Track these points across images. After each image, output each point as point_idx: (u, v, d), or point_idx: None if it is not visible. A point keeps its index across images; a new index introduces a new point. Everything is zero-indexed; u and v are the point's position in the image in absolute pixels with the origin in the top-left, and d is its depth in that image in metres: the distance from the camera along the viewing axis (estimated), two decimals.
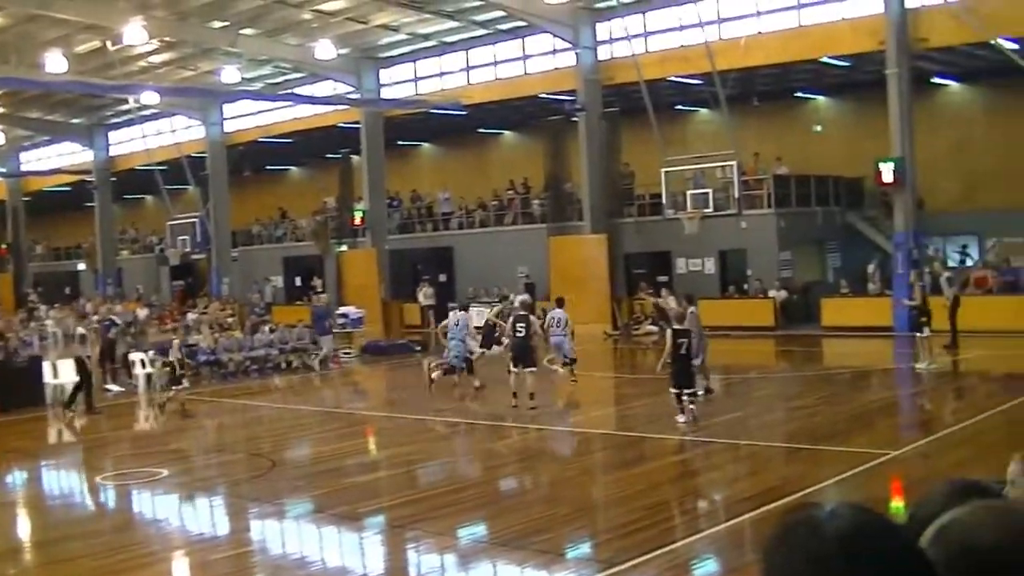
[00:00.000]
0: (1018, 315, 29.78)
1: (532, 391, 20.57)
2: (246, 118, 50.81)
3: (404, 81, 44.33)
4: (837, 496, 13.43)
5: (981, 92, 37.70)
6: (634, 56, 35.49)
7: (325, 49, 38.10)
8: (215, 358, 29.61)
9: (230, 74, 41.39)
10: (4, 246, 64.82)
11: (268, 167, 59.19)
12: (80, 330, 26.81)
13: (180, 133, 51.84)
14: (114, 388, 27.67)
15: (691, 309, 20.51)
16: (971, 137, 37.26)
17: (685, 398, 18.01)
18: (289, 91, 47.10)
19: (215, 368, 29.46)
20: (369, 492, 14.62)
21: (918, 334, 24.27)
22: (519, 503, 14.03)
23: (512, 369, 20.94)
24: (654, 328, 35.88)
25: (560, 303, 24.75)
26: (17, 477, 18.16)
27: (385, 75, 44.65)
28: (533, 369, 21.04)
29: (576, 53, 37.78)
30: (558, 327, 24.17)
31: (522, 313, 21.90)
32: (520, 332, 21.20)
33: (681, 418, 18.01)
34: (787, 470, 15.06)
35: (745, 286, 36.18)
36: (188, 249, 47.44)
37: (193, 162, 49.73)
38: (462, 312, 24.74)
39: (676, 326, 18.61)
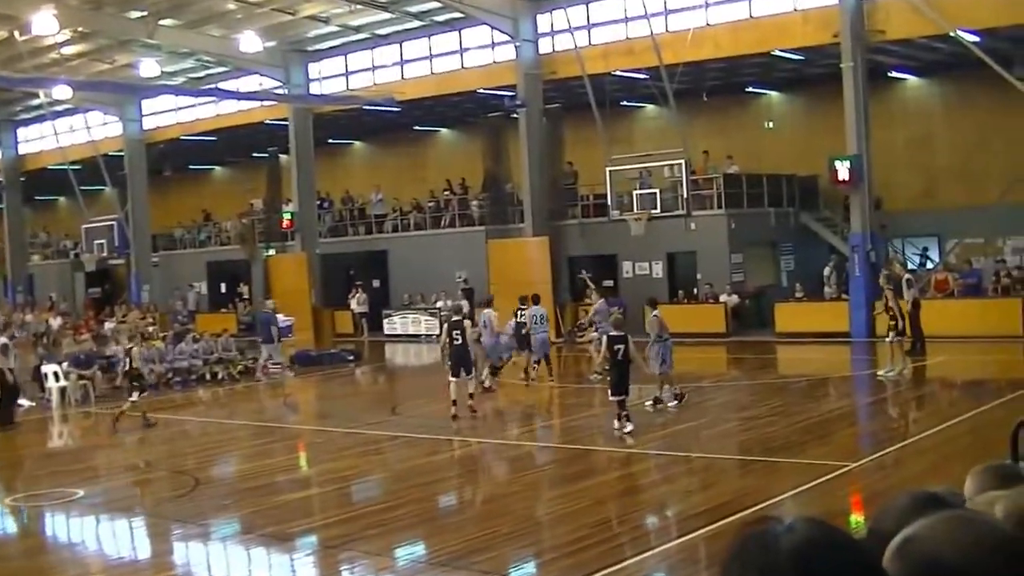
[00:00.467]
0: (982, 319, 30.15)
1: (471, 401, 20.68)
2: (167, 114, 50.28)
3: (334, 76, 44.11)
4: (794, 510, 13.50)
5: (940, 87, 38.17)
6: (577, 49, 35.54)
7: (250, 41, 37.83)
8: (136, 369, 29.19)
9: (149, 67, 40.98)
10: None
11: (191, 167, 58.60)
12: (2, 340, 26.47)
13: (96, 130, 51.17)
14: (24, 403, 27.23)
15: (654, 313, 20.95)
16: (930, 133, 37.72)
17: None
18: (212, 86, 46.73)
19: (136, 380, 29.02)
20: (300, 510, 14.49)
21: (887, 339, 24.49)
22: (459, 520, 13.97)
23: (451, 378, 21.02)
24: (597, 335, 36.00)
25: (536, 300, 26.54)
26: None
27: (314, 69, 44.41)
28: (472, 376, 21.39)
29: (516, 46, 37.77)
30: (541, 324, 25.70)
31: (457, 319, 22.07)
32: (457, 339, 21.37)
33: (628, 427, 18.08)
34: (741, 483, 15.12)
35: (695, 291, 36.36)
36: (105, 254, 46.85)
37: (110, 161, 49.10)
38: (488, 310, 26.05)
39: (613, 332, 18.75)
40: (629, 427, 18.15)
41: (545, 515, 14.03)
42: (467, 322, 22.35)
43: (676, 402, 20.74)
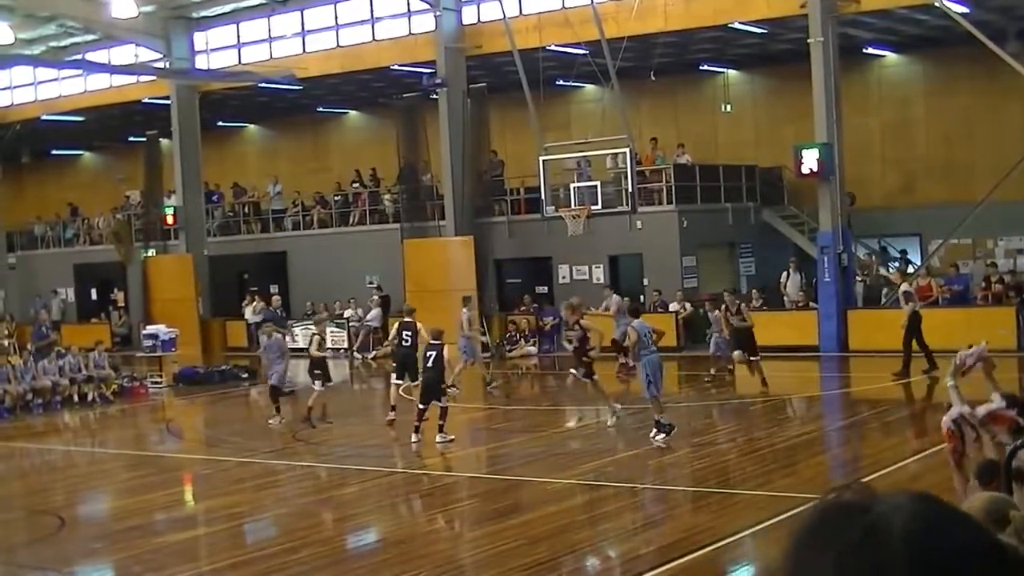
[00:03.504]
0: (969, 331, 30.46)
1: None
2: (23, 89, 49.69)
3: (224, 48, 43.86)
4: (755, 550, 13.65)
5: (922, 65, 38.74)
6: (505, 20, 35.63)
7: (124, 6, 37.50)
8: None
9: (1, 33, 40.43)
10: None
11: (53, 152, 57.99)
12: None
13: None
14: None
15: (633, 323, 20.96)
16: (910, 119, 38.27)
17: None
18: (79, 57, 46.23)
19: None
20: (184, 554, 14.40)
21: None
22: (371, 564, 13.96)
23: (395, 381, 21.64)
24: (532, 349, 36.14)
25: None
26: None
27: (200, 40, 44.12)
28: (416, 383, 22.08)
29: (435, 16, 37.80)
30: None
31: (408, 320, 22.99)
32: (407, 341, 22.47)
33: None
34: (694, 519, 15.23)
35: (641, 298, 36.53)
36: None
37: None
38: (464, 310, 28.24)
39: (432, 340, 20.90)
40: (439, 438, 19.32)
41: (469, 557, 14.05)
42: (420, 325, 23.02)
43: (663, 435, 20.03)
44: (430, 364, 20.44)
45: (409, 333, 22.71)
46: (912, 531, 1.72)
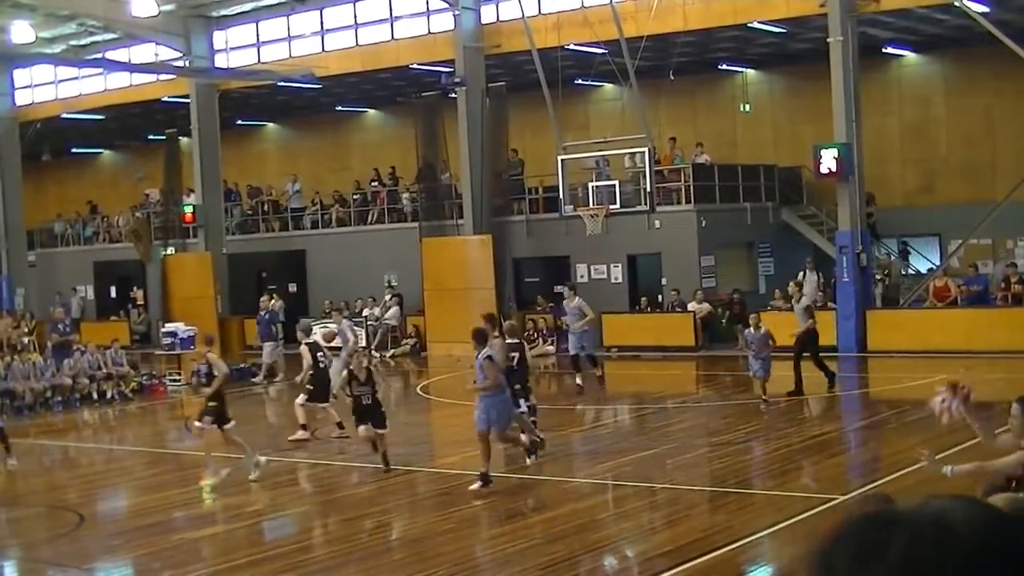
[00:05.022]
0: (989, 332, 30.42)
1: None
2: (44, 88, 49.77)
3: (244, 46, 43.89)
4: (774, 550, 13.62)
5: (942, 65, 38.64)
6: (524, 19, 35.59)
7: (144, 5, 37.56)
8: (7, 387, 28.93)
9: (21, 31, 40.51)
10: None
11: (74, 150, 58.18)
12: None
13: None
14: None
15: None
16: (930, 119, 38.17)
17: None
18: (99, 55, 46.33)
19: (7, 400, 28.79)
20: (201, 551, 14.44)
21: None
22: (386, 563, 13.95)
23: (310, 403, 22.17)
24: (550, 348, 36.10)
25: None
26: None
27: (220, 38, 44.17)
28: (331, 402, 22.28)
29: (454, 15, 37.79)
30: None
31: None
32: (322, 362, 22.43)
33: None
34: (712, 519, 15.21)
35: (659, 298, 36.52)
36: None
37: None
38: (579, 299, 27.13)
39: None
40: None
41: (486, 556, 14.04)
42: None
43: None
44: (515, 365, 19.64)
45: (322, 355, 22.48)
46: (975, 528, 1.71)
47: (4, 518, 17.70)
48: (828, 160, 31.95)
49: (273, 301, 41.90)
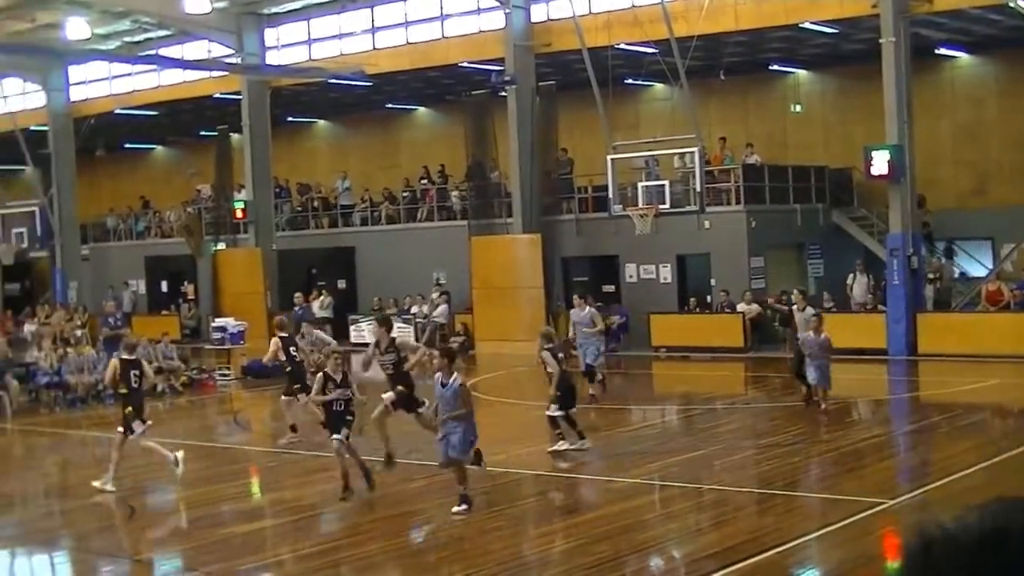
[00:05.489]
0: None
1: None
2: (98, 84, 50.20)
3: (295, 44, 44.06)
4: (821, 553, 13.56)
5: (995, 66, 38.32)
6: (575, 18, 35.56)
7: (197, 2, 37.77)
8: (59, 380, 29.20)
9: (77, 28, 40.82)
10: None
11: (127, 146, 58.55)
12: None
13: (14, 100, 51.07)
14: None
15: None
16: (983, 120, 37.86)
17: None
18: (152, 52, 46.62)
19: (59, 392, 29.07)
20: (249, 545, 14.49)
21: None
22: (435, 559, 13.99)
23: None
24: None
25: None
26: None
27: (271, 35, 44.37)
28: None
29: (505, 13, 37.78)
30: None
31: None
32: (295, 355, 22.42)
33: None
34: (759, 521, 15.15)
35: (708, 298, 36.41)
36: (25, 245, 46.69)
37: (31, 137, 48.99)
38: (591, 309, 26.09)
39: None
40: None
41: (532, 555, 14.03)
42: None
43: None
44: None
45: (294, 348, 22.67)
46: None
47: (58, 509, 17.84)
48: (879, 162, 31.78)
49: (322, 297, 42.25)
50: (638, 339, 36.07)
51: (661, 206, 33.72)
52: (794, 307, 26.13)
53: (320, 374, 17.37)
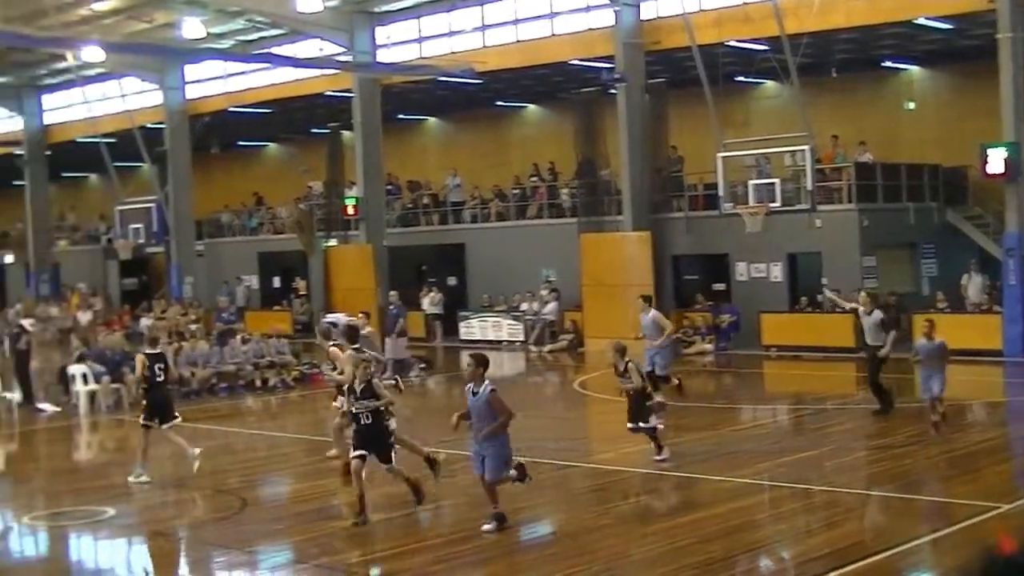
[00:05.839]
0: None
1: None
2: (213, 82, 50.91)
3: (406, 42, 44.30)
4: (933, 556, 13.37)
5: None
6: (685, 15, 35.38)
7: (309, 1, 38.12)
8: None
9: (193, 28, 41.40)
10: None
11: (240, 143, 59.36)
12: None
13: (131, 99, 51.91)
14: (48, 408, 27.74)
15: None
16: None
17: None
18: (265, 51, 47.15)
19: (175, 385, 29.46)
20: (359, 539, 14.59)
21: None
22: (541, 556, 13.99)
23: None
24: (708, 347, 35.91)
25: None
26: None
27: (382, 34, 44.64)
28: None
29: (615, 11, 37.71)
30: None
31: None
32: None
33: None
34: (870, 523, 15.00)
35: (819, 298, 36.02)
36: (142, 241, 47.48)
37: (148, 134, 49.79)
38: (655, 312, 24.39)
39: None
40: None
41: (641, 553, 13.99)
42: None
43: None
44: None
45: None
46: None
47: (172, 500, 18.10)
48: (995, 160, 31.28)
49: (433, 293, 42.47)
50: (748, 338, 35.83)
51: (771, 204, 33.46)
52: (860, 310, 23.68)
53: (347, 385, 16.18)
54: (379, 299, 43.16)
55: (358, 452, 15.35)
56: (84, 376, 27.99)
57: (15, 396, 29.39)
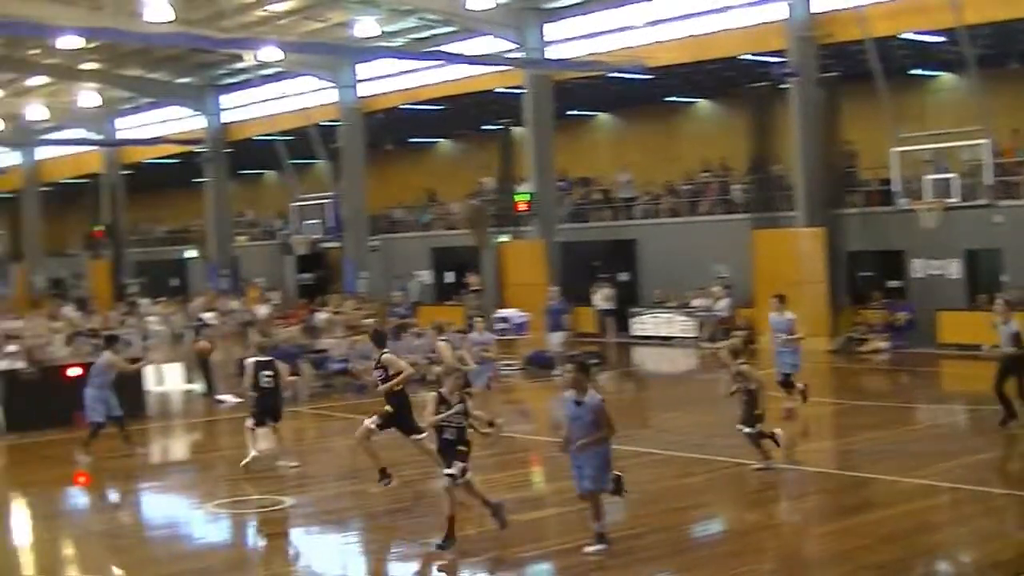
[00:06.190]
0: None
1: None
2: (386, 80, 51.54)
3: (576, 38, 44.40)
4: None
5: None
6: (859, 8, 34.87)
7: None
8: (349, 367, 30.13)
9: (366, 27, 42.03)
10: (100, 228, 66.90)
11: (412, 140, 59.96)
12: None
13: (307, 97, 52.88)
14: (229, 399, 28.37)
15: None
16: None
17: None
18: (437, 48, 47.63)
19: (350, 379, 30.01)
20: (531, 533, 14.68)
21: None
22: (713, 554, 13.92)
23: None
24: (883, 344, 35.31)
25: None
26: (114, 500, 18.79)
27: (552, 30, 44.80)
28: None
29: (788, 4, 37.32)
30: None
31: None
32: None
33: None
34: None
35: (999, 295, 35.18)
36: (317, 236, 48.29)
37: (323, 132, 50.66)
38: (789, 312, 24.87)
39: None
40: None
41: (815, 553, 13.85)
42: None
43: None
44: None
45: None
46: None
47: (348, 491, 18.34)
48: None
49: (605, 289, 42.44)
50: (925, 336, 35.14)
51: (948, 200, 32.82)
52: (996, 320, 22.10)
53: (435, 393, 14.96)
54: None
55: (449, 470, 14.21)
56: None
57: (198, 387, 30.36)
